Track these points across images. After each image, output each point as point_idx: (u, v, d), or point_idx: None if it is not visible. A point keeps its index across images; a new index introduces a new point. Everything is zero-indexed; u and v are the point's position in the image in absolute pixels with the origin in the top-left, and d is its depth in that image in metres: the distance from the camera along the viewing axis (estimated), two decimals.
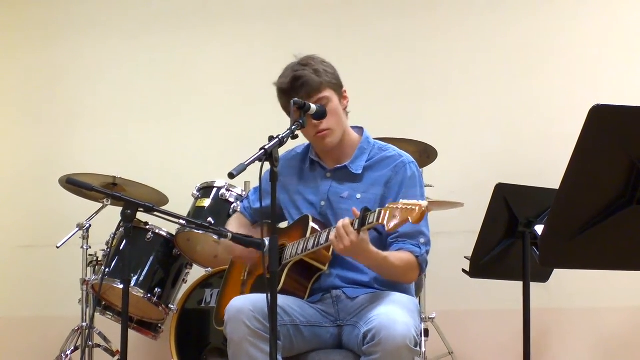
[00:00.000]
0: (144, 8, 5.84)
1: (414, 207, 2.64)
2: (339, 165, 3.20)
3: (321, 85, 3.08)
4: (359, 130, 3.28)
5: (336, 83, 3.15)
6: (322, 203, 3.19)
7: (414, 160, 3.20)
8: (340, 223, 2.83)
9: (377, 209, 2.76)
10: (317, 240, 2.98)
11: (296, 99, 2.96)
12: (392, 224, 2.67)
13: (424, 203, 2.65)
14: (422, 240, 3.07)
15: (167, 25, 5.76)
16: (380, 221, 2.71)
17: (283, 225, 3.37)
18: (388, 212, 2.69)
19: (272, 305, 2.60)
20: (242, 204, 3.58)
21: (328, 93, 3.09)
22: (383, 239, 3.07)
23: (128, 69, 5.83)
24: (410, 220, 2.64)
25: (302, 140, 3.19)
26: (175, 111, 5.70)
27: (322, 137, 3.11)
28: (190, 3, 5.78)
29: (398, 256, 3.01)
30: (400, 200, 2.71)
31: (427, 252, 3.10)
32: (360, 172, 3.16)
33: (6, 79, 6.08)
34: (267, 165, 2.74)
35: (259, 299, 2.87)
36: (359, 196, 3.10)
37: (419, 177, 3.18)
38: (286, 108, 3.14)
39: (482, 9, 5.30)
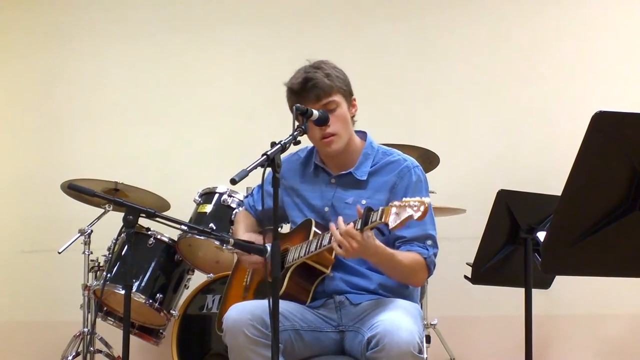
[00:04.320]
0: (146, 12, 5.84)
1: (417, 204, 2.63)
2: (343, 172, 3.19)
3: (332, 89, 3.08)
4: (362, 134, 3.27)
5: (346, 90, 3.15)
6: (326, 209, 3.18)
7: (418, 165, 3.20)
8: (340, 231, 2.83)
9: (380, 208, 2.75)
10: (319, 242, 2.99)
11: (298, 105, 2.97)
12: (395, 222, 2.66)
13: (427, 199, 2.64)
14: (429, 242, 3.07)
15: (170, 29, 5.77)
16: (383, 220, 2.71)
17: (286, 228, 3.38)
18: (391, 210, 2.69)
19: (274, 311, 2.60)
20: (247, 201, 3.58)
21: (338, 98, 3.09)
22: (390, 243, 3.07)
23: (130, 73, 5.83)
24: (414, 217, 2.63)
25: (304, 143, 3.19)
26: (177, 116, 5.71)
27: (327, 143, 3.10)
28: (192, 8, 5.78)
29: (405, 254, 3.01)
30: (404, 198, 2.71)
31: (435, 254, 3.09)
32: (365, 178, 3.16)
33: (7, 83, 6.07)
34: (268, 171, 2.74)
35: (257, 306, 2.89)
36: (363, 202, 3.09)
37: (424, 181, 3.18)
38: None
39: (485, 16, 5.30)
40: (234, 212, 4.42)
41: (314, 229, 3.08)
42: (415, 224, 2.97)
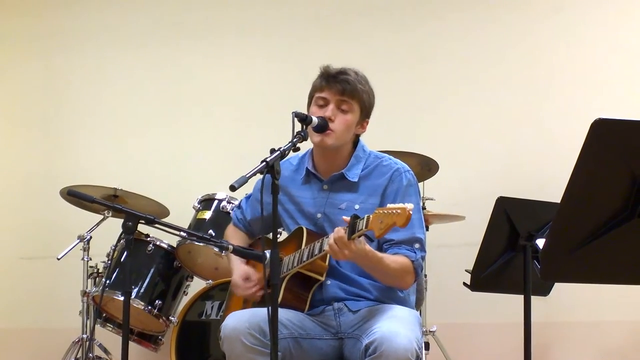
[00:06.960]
0: (147, 19, 5.85)
1: (399, 211, 2.64)
2: (335, 174, 3.19)
3: (357, 94, 3.10)
4: (355, 138, 3.27)
5: (367, 107, 3.17)
6: (319, 215, 3.19)
7: (409, 169, 3.20)
8: (332, 237, 2.84)
9: (366, 216, 2.76)
10: (311, 251, 2.99)
11: (297, 111, 2.97)
12: (380, 230, 2.68)
13: (409, 206, 2.65)
14: (417, 245, 3.08)
15: (171, 36, 5.78)
16: (369, 227, 2.72)
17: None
18: (376, 218, 2.70)
19: (273, 318, 2.60)
20: (235, 214, 3.56)
21: (356, 106, 3.12)
22: (379, 245, 3.07)
23: (130, 80, 5.83)
24: (397, 224, 2.65)
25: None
26: (176, 123, 5.71)
27: (324, 135, 3.09)
28: (194, 15, 5.79)
29: (393, 258, 3.02)
30: (388, 205, 2.72)
31: (423, 257, 3.11)
32: (356, 180, 3.16)
33: (7, 89, 6.08)
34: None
35: (255, 314, 2.90)
36: (357, 207, 3.10)
37: (415, 185, 3.18)
38: (314, 91, 3.15)
39: (485, 23, 5.31)
40: None
41: (306, 237, 3.09)
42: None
